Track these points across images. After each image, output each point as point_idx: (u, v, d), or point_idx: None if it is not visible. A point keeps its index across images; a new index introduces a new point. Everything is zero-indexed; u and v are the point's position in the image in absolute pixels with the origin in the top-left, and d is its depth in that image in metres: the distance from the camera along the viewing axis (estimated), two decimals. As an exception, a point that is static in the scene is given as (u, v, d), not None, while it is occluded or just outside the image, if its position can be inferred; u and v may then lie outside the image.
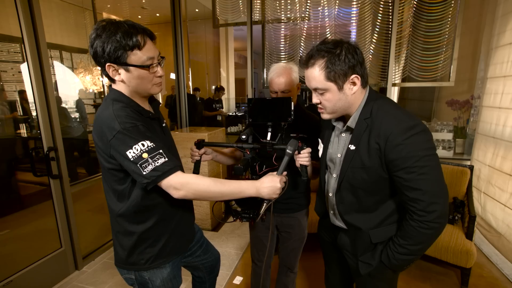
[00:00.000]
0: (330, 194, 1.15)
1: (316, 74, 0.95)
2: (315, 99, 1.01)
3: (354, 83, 0.96)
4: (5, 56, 2.47)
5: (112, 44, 0.92)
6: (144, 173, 0.90)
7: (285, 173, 1.07)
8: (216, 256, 1.46)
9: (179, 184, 0.93)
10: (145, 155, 0.90)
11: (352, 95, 0.97)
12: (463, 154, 3.12)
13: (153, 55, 0.99)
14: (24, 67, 2.08)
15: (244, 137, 1.24)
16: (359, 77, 0.95)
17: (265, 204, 1.09)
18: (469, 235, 2.11)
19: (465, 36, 3.13)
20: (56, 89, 2.99)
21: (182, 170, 0.99)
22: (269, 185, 1.01)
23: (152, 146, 0.92)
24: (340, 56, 0.92)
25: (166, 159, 0.93)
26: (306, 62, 0.98)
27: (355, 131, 1.01)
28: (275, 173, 1.07)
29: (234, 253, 2.67)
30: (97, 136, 0.98)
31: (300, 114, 1.46)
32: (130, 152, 0.90)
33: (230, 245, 2.79)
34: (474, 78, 3.25)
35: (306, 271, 2.37)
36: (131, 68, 0.96)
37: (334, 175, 1.12)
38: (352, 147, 1.01)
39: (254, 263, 1.69)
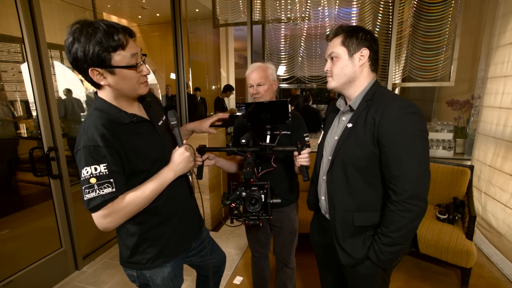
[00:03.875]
0: (324, 178, 1.19)
1: (334, 41, 1.11)
2: (326, 67, 1.14)
3: (363, 56, 1.07)
4: (5, 56, 2.47)
5: (94, 46, 0.86)
6: (85, 198, 0.90)
7: (185, 141, 1.12)
8: (222, 258, 1.47)
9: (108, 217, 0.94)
10: (92, 180, 0.89)
11: (359, 67, 1.08)
12: (463, 154, 3.12)
13: (136, 51, 0.95)
14: (24, 67, 2.08)
15: (244, 141, 1.25)
16: (368, 51, 1.06)
17: (189, 176, 1.17)
18: (470, 235, 2.11)
19: (465, 36, 3.13)
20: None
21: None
22: (180, 159, 1.07)
23: (104, 173, 0.90)
24: (359, 33, 1.07)
25: (114, 189, 0.91)
26: (332, 34, 1.14)
27: (356, 111, 1.09)
28: (177, 147, 1.10)
29: (234, 253, 2.67)
30: None
31: None
32: (82, 172, 0.90)
33: (230, 245, 2.79)
34: (474, 78, 3.25)
35: (306, 271, 2.37)
36: (117, 70, 0.92)
37: (329, 157, 1.16)
38: (350, 125, 1.09)
39: (253, 255, 1.80)
